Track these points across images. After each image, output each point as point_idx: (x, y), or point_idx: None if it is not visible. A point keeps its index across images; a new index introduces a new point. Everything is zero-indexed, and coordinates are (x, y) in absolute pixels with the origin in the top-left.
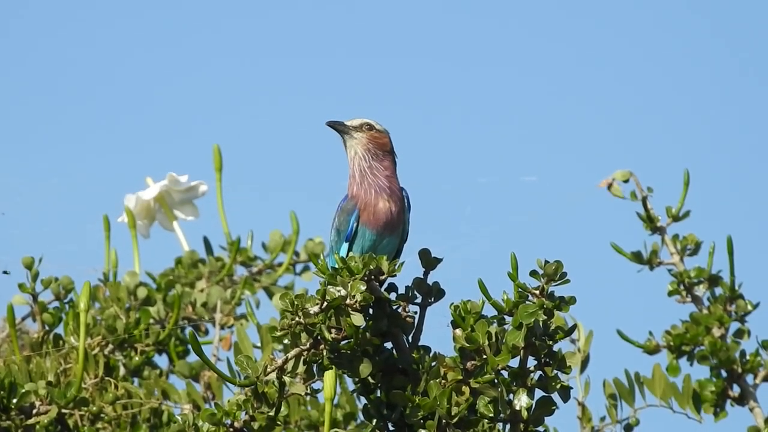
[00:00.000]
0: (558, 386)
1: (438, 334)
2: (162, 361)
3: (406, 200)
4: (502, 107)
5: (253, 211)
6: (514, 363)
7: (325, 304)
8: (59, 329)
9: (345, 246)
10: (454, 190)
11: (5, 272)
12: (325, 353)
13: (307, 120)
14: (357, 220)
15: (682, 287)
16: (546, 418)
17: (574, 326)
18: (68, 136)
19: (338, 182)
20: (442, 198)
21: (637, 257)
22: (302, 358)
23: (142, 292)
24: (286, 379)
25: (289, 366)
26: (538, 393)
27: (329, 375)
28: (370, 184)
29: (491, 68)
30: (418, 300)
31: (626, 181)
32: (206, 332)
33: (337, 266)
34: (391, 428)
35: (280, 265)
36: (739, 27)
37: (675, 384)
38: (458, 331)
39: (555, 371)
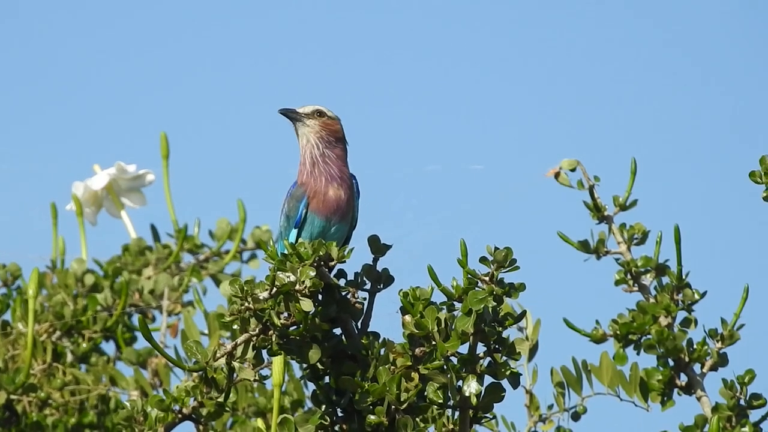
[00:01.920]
0: (507, 373)
1: (387, 321)
2: (109, 347)
3: (355, 187)
4: (450, 97)
5: (200, 198)
6: (464, 349)
7: (275, 289)
8: (7, 315)
9: (294, 232)
10: (403, 178)
11: None
12: (274, 339)
13: (255, 106)
14: (306, 206)
15: (629, 276)
16: (495, 404)
17: (524, 312)
18: (14, 121)
19: (287, 169)
20: (390, 185)
21: (584, 246)
22: (251, 343)
23: (89, 279)
24: (236, 364)
25: (239, 351)
26: (488, 380)
27: (278, 361)
28: (321, 171)
29: (438, 58)
30: (367, 286)
31: (573, 170)
32: (153, 319)
33: (286, 252)
34: (339, 414)
35: (227, 252)
36: (682, 15)
37: (622, 372)
38: (407, 318)
39: (504, 358)
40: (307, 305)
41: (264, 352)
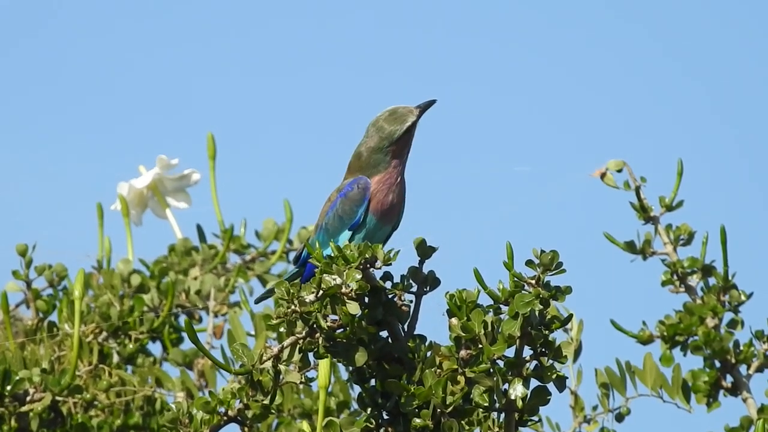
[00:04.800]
0: (554, 376)
1: (433, 324)
2: (156, 348)
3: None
4: (495, 97)
5: (247, 198)
6: (510, 352)
7: (321, 292)
8: (53, 316)
9: (347, 234)
10: (448, 178)
11: None
12: (320, 342)
13: (302, 106)
14: (366, 208)
15: (675, 277)
16: (540, 407)
17: (570, 316)
18: (60, 122)
19: (333, 168)
20: (436, 187)
21: (630, 247)
22: (298, 346)
23: (135, 280)
24: (282, 367)
25: (285, 354)
26: (534, 383)
27: (324, 364)
28: (401, 173)
29: (483, 55)
30: (414, 289)
31: (620, 171)
32: (200, 320)
33: (332, 254)
34: (385, 417)
35: (273, 253)
36: (730, 16)
37: (665, 374)
38: (454, 320)
39: (550, 361)
40: (353, 308)
41: (310, 355)
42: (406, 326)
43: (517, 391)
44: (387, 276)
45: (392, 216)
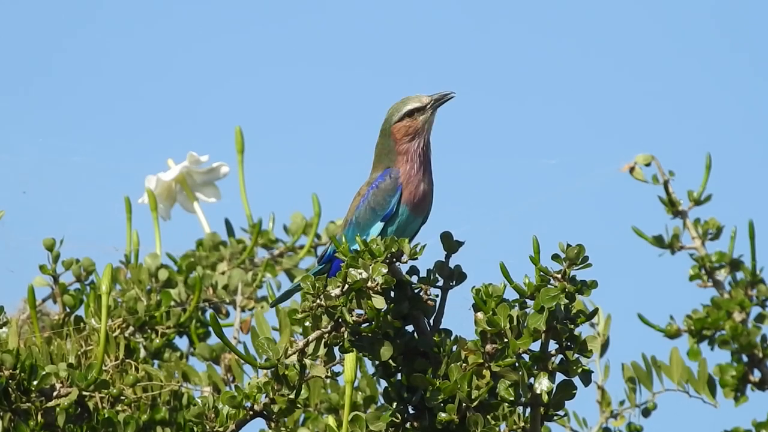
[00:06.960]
0: (579, 370)
1: (459, 318)
2: (182, 343)
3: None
4: (523, 89)
5: (275, 193)
6: (536, 347)
7: (347, 286)
8: (80, 311)
9: (380, 225)
10: (474, 171)
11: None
12: (346, 336)
13: (330, 100)
14: (399, 199)
15: (703, 271)
16: (566, 402)
17: (596, 310)
18: (88, 114)
19: (362, 162)
20: (461, 179)
21: (658, 241)
22: (323, 340)
23: (163, 274)
24: (307, 361)
25: (310, 348)
26: (559, 377)
27: (350, 358)
28: (426, 163)
29: (511, 49)
30: (440, 283)
31: (648, 165)
32: (227, 315)
33: (358, 248)
34: (411, 411)
35: (301, 247)
36: (762, 6)
37: (691, 369)
38: (479, 315)
39: (576, 355)
40: (379, 302)
41: (336, 349)
42: (431, 321)
43: (543, 385)
44: (413, 270)
45: (423, 207)
